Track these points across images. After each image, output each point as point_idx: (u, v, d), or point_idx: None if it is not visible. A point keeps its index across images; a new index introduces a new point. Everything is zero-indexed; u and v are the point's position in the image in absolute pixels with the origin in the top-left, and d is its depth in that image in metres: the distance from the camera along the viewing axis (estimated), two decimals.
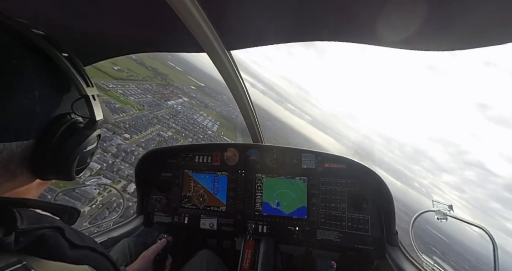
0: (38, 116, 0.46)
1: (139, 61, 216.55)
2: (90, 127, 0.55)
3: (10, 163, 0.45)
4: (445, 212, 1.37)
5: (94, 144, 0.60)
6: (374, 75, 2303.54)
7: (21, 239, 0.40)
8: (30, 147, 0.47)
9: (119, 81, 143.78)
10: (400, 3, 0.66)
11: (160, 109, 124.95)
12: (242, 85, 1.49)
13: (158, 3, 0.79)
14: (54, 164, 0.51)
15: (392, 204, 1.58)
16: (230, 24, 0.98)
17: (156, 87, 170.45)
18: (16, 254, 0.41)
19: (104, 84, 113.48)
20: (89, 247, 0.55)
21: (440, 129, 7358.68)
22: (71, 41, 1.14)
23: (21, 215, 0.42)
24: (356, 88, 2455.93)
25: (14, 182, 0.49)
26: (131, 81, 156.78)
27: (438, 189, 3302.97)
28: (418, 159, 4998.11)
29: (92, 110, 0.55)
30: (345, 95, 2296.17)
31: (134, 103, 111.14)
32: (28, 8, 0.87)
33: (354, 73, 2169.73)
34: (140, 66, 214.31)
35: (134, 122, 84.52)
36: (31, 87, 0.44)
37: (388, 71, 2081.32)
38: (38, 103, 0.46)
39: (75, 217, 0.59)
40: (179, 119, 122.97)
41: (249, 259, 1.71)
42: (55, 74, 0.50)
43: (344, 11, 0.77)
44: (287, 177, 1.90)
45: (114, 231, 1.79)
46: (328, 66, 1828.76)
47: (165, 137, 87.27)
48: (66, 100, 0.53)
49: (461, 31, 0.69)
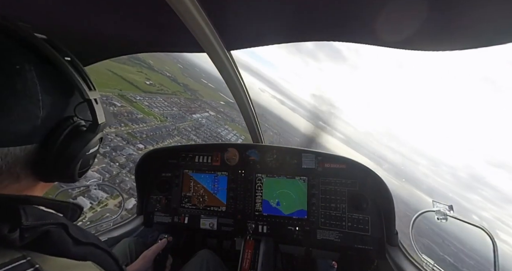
0: (42, 121, 0.47)
1: (172, 77, 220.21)
2: (93, 130, 0.56)
3: (14, 166, 0.46)
4: (445, 212, 1.37)
5: (97, 147, 0.61)
6: (414, 89, 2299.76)
7: (26, 235, 0.41)
8: (34, 151, 0.48)
9: (148, 94, 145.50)
10: (400, 3, 0.66)
11: (184, 121, 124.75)
12: (242, 85, 1.49)
13: (158, 3, 0.79)
14: (57, 167, 0.51)
15: (392, 204, 1.58)
16: (230, 24, 0.98)
17: (184, 101, 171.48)
18: (21, 250, 0.41)
19: (132, 96, 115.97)
20: (93, 244, 0.56)
21: (502, 151, 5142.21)
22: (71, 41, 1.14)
23: (25, 212, 0.42)
24: (394, 104, 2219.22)
25: (19, 184, 0.49)
26: (159, 95, 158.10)
27: (504, 224, 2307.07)
28: (476, 187, 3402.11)
29: (94, 114, 0.55)
30: (381, 112, 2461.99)
31: (158, 114, 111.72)
32: (28, 8, 0.87)
33: (391, 88, 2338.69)
34: (173, 82, 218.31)
35: (152, 132, 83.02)
36: (35, 92, 0.45)
37: (433, 82, 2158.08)
38: (42, 107, 0.46)
39: (78, 213, 0.60)
40: (202, 132, 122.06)
41: (249, 259, 1.71)
42: (58, 79, 0.51)
43: (344, 11, 0.77)
44: (287, 177, 1.90)
45: (114, 231, 1.80)
46: (362, 82, 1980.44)
47: None
48: (69, 104, 0.54)
49: (461, 31, 0.69)
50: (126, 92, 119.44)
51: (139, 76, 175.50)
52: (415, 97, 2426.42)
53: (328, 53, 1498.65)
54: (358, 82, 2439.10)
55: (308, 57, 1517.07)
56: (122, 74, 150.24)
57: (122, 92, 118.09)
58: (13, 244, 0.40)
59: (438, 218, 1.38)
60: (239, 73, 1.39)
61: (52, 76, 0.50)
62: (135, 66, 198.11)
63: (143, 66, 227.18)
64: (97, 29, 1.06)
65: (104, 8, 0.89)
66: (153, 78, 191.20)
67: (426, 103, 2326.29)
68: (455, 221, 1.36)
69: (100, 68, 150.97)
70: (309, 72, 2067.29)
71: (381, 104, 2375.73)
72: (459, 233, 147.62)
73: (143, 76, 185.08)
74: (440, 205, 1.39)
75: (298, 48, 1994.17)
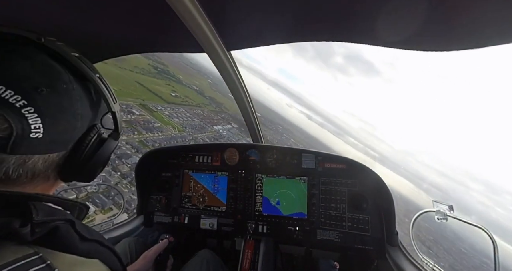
0: (77, 130, 0.53)
1: (199, 91, 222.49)
2: (116, 138, 0.64)
3: (49, 169, 0.52)
4: (445, 212, 1.36)
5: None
6: (464, 103, 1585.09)
7: (37, 230, 0.43)
8: (65, 156, 0.54)
9: (170, 105, 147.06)
10: (400, 3, 0.66)
11: (203, 132, 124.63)
12: (242, 85, 1.50)
13: (158, 3, 0.79)
14: (84, 170, 0.58)
15: (392, 204, 1.58)
16: (230, 24, 0.98)
17: (207, 112, 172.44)
18: (32, 246, 0.43)
19: (153, 106, 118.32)
20: (97, 241, 0.57)
21: None
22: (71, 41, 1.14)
23: (36, 208, 0.44)
24: (438, 121, 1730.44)
25: (46, 184, 0.55)
26: (182, 106, 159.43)
27: None
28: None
29: (117, 123, 0.63)
30: (422, 129, 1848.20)
31: (177, 124, 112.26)
32: (28, 8, 0.87)
33: (434, 102, 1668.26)
34: (199, 95, 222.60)
35: (166, 142, 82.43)
36: (77, 107, 0.51)
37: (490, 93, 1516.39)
38: (80, 120, 0.52)
39: (85, 213, 0.62)
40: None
41: (249, 259, 1.71)
42: (91, 93, 0.57)
43: (344, 11, 0.77)
44: (287, 177, 1.90)
45: (114, 231, 1.80)
46: (399, 96, 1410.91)
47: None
48: (97, 115, 0.61)
49: (461, 31, 0.69)
50: (148, 102, 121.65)
51: (166, 88, 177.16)
52: (465, 112, 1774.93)
53: (359, 66, 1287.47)
54: (394, 97, 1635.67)
55: (338, 71, 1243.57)
56: (149, 86, 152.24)
57: (145, 101, 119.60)
58: (25, 239, 0.41)
59: (438, 218, 1.38)
60: (239, 73, 1.39)
61: (87, 92, 0.56)
62: (164, 80, 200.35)
63: (172, 80, 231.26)
64: (97, 29, 1.06)
65: (104, 8, 0.89)
66: (179, 91, 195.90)
67: (481, 118, 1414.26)
68: (455, 220, 1.37)
69: (129, 79, 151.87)
70: (338, 87, 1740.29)
71: (422, 121, 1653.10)
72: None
73: (169, 88, 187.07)
74: (441, 205, 1.39)
75: (328, 63, 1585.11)
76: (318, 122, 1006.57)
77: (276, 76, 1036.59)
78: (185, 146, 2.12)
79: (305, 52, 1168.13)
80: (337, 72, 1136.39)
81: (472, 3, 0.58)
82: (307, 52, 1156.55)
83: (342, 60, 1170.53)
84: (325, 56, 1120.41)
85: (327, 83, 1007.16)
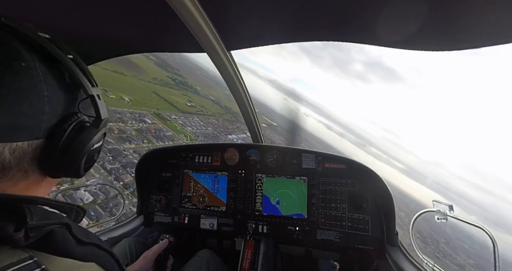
0: (47, 116, 0.48)
1: (216, 101, 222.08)
2: (97, 125, 0.58)
3: (22, 161, 0.48)
4: (445, 212, 1.36)
5: (100, 142, 0.62)
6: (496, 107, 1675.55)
7: (31, 234, 0.41)
8: (40, 146, 0.49)
9: (185, 114, 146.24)
10: (400, 3, 0.66)
11: (215, 141, 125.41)
12: (242, 85, 1.50)
13: (158, 3, 0.79)
14: (63, 161, 0.53)
15: (392, 204, 1.58)
16: (230, 24, 0.98)
17: (222, 122, 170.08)
18: (27, 250, 0.42)
19: (167, 115, 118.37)
20: (94, 244, 0.56)
21: None
22: (71, 41, 1.15)
23: (31, 212, 0.43)
24: (469, 128, 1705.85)
25: (27, 181, 0.51)
26: (197, 115, 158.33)
27: None
28: None
29: (97, 109, 0.57)
30: (452, 137, 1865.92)
31: (189, 133, 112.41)
32: (28, 8, 0.87)
33: (467, 109, 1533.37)
34: (215, 105, 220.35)
35: None
36: (40, 88, 0.47)
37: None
38: (47, 103, 0.48)
39: (81, 215, 0.61)
40: None
41: (249, 259, 1.71)
42: (62, 76, 0.53)
43: (344, 11, 0.77)
44: (287, 177, 1.90)
45: (114, 231, 1.80)
46: (425, 103, 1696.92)
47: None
48: (73, 100, 0.56)
49: (461, 31, 0.69)
50: (162, 111, 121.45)
51: (182, 98, 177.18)
52: (506, 118, 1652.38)
53: (380, 73, 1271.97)
54: (421, 103, 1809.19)
55: (357, 79, 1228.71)
56: (165, 96, 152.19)
57: (159, 111, 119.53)
58: (18, 244, 0.40)
59: (438, 218, 1.38)
60: (239, 73, 1.39)
61: (57, 73, 0.51)
62: (181, 90, 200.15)
63: (189, 91, 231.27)
64: (97, 29, 1.06)
65: (104, 8, 0.89)
66: (195, 101, 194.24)
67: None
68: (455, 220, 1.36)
69: (146, 90, 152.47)
70: (358, 95, 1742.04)
71: (455, 128, 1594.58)
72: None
73: (185, 99, 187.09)
74: (441, 205, 1.39)
75: (346, 71, 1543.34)
76: (337, 132, 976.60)
77: (293, 86, 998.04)
78: (185, 146, 2.12)
79: (321, 60, 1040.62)
80: (356, 80, 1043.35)
81: (472, 3, 0.58)
82: (323, 60, 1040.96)
83: (362, 67, 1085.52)
84: (343, 64, 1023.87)
85: (345, 92, 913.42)
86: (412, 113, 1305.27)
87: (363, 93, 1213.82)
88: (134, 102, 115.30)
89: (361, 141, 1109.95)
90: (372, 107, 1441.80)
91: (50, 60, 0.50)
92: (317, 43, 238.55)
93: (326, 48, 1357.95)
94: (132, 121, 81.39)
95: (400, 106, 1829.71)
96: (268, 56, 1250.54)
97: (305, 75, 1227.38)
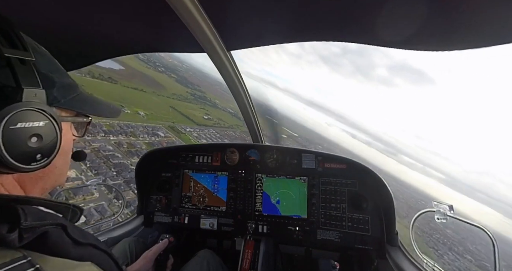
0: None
1: (234, 113, 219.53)
2: (13, 96, 0.44)
3: None
4: (445, 212, 1.36)
5: (39, 123, 0.48)
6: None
7: (25, 235, 0.41)
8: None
9: (201, 127, 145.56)
10: (400, 3, 0.66)
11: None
12: (242, 85, 1.50)
13: (158, 3, 0.79)
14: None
15: (392, 204, 1.58)
16: (230, 24, 0.98)
17: (240, 133, 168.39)
18: (21, 250, 0.41)
19: (182, 128, 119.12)
20: (92, 244, 0.55)
21: None
22: (71, 41, 1.15)
23: (24, 212, 0.42)
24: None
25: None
26: (213, 127, 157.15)
27: None
28: None
29: (16, 75, 0.44)
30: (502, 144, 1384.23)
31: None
32: (28, 8, 0.87)
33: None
34: (234, 117, 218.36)
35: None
36: None
37: None
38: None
39: (78, 215, 0.59)
40: None
41: (249, 259, 1.71)
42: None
43: (344, 11, 0.77)
44: (287, 177, 1.90)
45: (114, 231, 1.80)
46: (464, 107, 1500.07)
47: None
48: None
49: (461, 31, 0.69)
50: (178, 124, 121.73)
51: (199, 112, 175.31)
52: None
53: (407, 76, 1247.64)
54: (458, 107, 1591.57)
55: (382, 84, 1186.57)
56: (182, 110, 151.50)
57: (174, 124, 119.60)
58: (12, 245, 0.40)
59: (438, 218, 1.38)
60: (239, 73, 1.39)
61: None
62: (199, 104, 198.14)
63: (207, 105, 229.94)
64: (97, 29, 1.06)
65: (104, 8, 0.89)
66: (213, 114, 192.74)
67: None
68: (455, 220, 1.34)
69: (164, 105, 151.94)
70: (383, 100, 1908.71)
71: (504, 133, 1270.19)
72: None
73: (203, 112, 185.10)
74: (441, 205, 1.39)
75: (368, 76, 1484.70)
76: (364, 141, 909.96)
77: (313, 95, 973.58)
78: (185, 146, 2.12)
79: (341, 67, 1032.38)
80: (381, 85, 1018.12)
81: (472, 3, 0.58)
82: (343, 68, 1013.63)
83: (386, 71, 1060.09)
84: (365, 70, 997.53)
85: (369, 98, 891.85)
86: (448, 118, 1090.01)
87: (389, 98, 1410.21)
88: (149, 116, 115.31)
89: (391, 150, 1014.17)
90: (400, 113, 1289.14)
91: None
92: (337, 50, 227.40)
93: (346, 55, 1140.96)
94: (144, 135, 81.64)
95: (433, 111, 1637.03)
96: (285, 67, 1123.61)
97: (325, 84, 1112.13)
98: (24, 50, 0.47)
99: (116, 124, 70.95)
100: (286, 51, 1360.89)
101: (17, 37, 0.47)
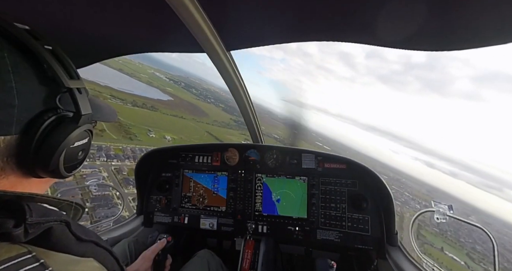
0: (18, 110, 0.45)
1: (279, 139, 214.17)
2: (75, 120, 0.54)
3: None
4: (445, 212, 1.37)
5: (84, 140, 0.58)
6: None
7: (30, 231, 0.41)
8: (14, 142, 0.46)
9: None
10: (400, 3, 0.66)
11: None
12: (242, 85, 1.50)
13: (158, 3, 0.79)
14: (39, 159, 0.49)
15: (392, 204, 1.58)
16: (230, 24, 0.98)
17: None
18: (26, 245, 0.42)
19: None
20: (93, 241, 0.56)
21: None
22: (71, 41, 1.14)
23: (30, 209, 0.43)
24: None
25: (8, 180, 0.49)
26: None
27: None
28: None
29: (77, 103, 0.53)
30: None
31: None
32: (28, 8, 0.87)
33: None
34: (278, 142, 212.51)
35: None
36: (8, 80, 0.43)
37: None
38: (16, 96, 0.45)
39: (81, 213, 0.61)
40: None
41: (249, 259, 1.72)
42: (37, 68, 0.49)
43: (344, 11, 0.77)
44: (287, 177, 1.90)
45: (114, 231, 1.79)
46: None
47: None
48: (50, 93, 0.51)
49: (461, 31, 0.69)
50: (194, 139, 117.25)
51: (238, 137, 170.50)
52: None
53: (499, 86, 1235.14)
54: None
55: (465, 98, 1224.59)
56: (219, 135, 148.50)
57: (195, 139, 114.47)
58: (18, 240, 0.40)
59: (437, 218, 1.38)
60: (239, 73, 1.39)
61: (30, 65, 0.48)
62: (240, 130, 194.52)
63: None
64: (96, 29, 1.06)
65: (103, 8, 0.89)
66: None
67: None
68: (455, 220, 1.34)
69: (200, 130, 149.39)
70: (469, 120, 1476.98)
71: None
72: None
73: (242, 137, 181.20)
74: (440, 205, 1.39)
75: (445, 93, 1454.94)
76: (446, 171, 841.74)
77: (372, 119, 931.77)
78: (185, 146, 2.12)
79: (406, 86, 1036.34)
80: (464, 100, 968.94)
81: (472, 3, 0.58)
82: (409, 86, 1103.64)
83: (469, 83, 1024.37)
84: (439, 85, 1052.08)
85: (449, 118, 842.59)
86: None
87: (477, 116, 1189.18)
88: (175, 141, 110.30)
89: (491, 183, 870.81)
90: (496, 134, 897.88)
91: (24, 51, 0.47)
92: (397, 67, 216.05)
93: (410, 71, 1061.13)
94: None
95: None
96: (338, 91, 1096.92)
97: (387, 105, 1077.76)
98: (78, 78, 0.55)
99: (129, 149, 62.17)
100: (336, 75, 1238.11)
101: (72, 68, 0.54)
